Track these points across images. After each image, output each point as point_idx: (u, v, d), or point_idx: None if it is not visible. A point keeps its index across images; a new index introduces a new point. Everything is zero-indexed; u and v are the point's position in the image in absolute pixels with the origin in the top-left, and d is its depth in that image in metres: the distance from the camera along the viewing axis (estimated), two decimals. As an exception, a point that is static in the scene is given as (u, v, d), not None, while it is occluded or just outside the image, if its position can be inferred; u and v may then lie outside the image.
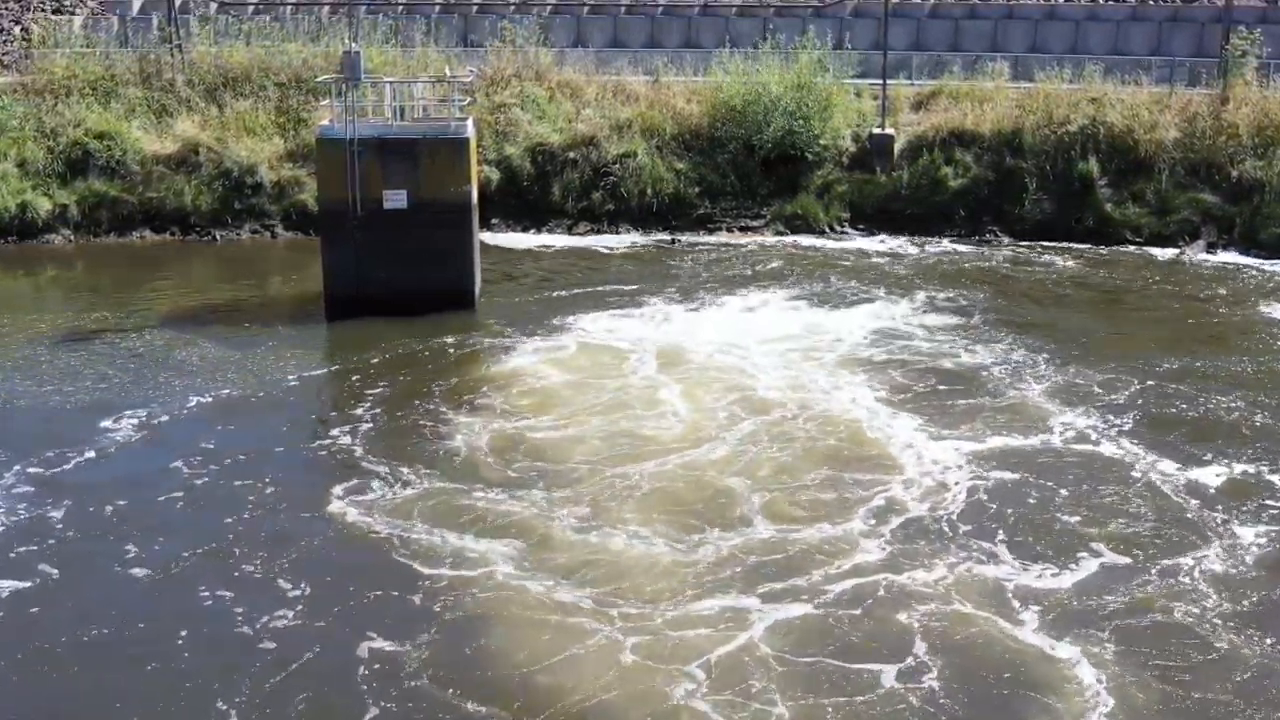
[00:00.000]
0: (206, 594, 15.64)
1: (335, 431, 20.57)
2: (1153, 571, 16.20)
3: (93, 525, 17.35)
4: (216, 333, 25.26)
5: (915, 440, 20.22)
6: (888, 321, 26.73)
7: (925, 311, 27.50)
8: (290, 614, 15.19)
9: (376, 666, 14.18)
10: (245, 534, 17.14)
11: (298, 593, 15.67)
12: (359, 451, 19.81)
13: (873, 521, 17.54)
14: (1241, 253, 32.93)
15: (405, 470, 19.09)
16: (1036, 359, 24.20)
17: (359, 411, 21.39)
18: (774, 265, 31.63)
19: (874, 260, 32.38)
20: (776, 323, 26.62)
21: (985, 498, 18.25)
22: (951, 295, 28.82)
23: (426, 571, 16.19)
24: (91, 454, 19.42)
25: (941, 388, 22.64)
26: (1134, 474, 19.05)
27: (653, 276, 30.23)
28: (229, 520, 17.49)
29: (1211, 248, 33.46)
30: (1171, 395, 22.31)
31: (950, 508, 17.95)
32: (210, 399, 21.75)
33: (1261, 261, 32.23)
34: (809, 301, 28.25)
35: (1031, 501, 18.15)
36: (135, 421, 20.56)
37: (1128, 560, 16.49)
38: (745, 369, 23.59)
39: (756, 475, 19.03)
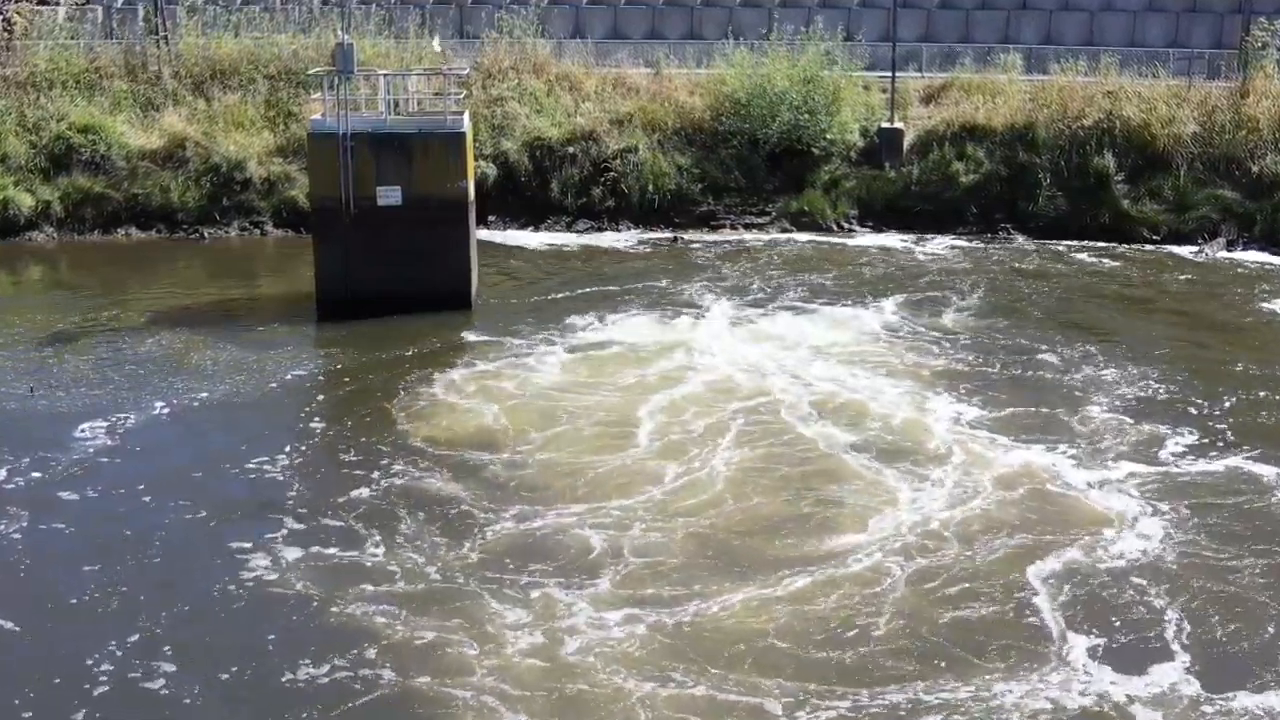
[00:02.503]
0: (69, 651, 14.08)
1: (290, 453, 19.46)
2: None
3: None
4: (201, 336, 25.05)
5: (1060, 481, 18.70)
6: (941, 324, 26.30)
7: (976, 315, 27.11)
8: (155, 688, 13.47)
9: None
10: (136, 579, 15.69)
11: (170, 666, 13.87)
12: (308, 483, 18.45)
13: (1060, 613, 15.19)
14: (1262, 251, 32.85)
15: (352, 515, 17.29)
16: (1114, 368, 23.53)
17: (325, 429, 20.59)
18: (789, 263, 31.49)
19: (896, 258, 32.25)
20: (816, 327, 25.95)
21: (1161, 566, 16.30)
22: (994, 297, 28.62)
23: (328, 658, 13.93)
24: (38, 471, 18.61)
25: (1045, 409, 21.43)
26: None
27: (659, 275, 30.04)
28: (124, 562, 16.12)
29: (1231, 245, 33.40)
30: (1264, 404, 21.89)
31: (1125, 575, 15.99)
32: (180, 407, 21.26)
33: (1285, 260, 32.21)
34: (842, 304, 27.72)
35: (1210, 563, 16.40)
36: (98, 429, 20.07)
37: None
38: (805, 384, 22.38)
39: (875, 533, 16.82)
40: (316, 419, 21.19)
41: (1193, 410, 21.64)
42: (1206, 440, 20.37)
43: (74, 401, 21.42)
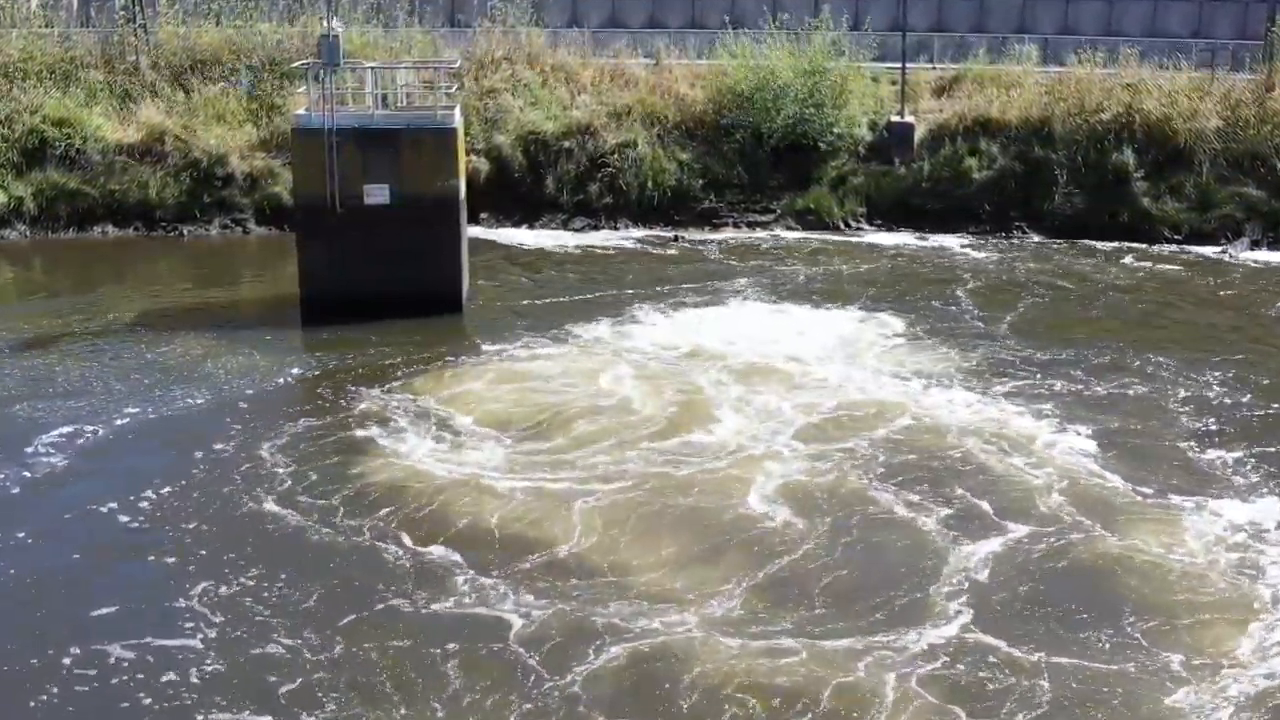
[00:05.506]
0: None
1: (226, 488, 17.80)
2: None
3: None
4: (180, 341, 24.80)
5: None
6: (1007, 334, 25.57)
7: (1035, 322, 26.58)
8: None
9: None
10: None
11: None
12: (226, 536, 16.39)
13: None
14: (1287, 252, 32.86)
15: (263, 593, 14.87)
16: (1205, 383, 22.68)
17: (276, 458, 18.87)
18: (802, 262, 31.36)
19: (923, 258, 32.16)
20: (862, 331, 25.29)
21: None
22: (1043, 302, 28.30)
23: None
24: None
25: (1178, 444, 19.99)
26: None
27: (664, 276, 29.85)
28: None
29: (1255, 245, 33.37)
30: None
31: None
32: (144, 421, 20.48)
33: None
34: (883, 308, 27.16)
35: None
36: (51, 445, 19.34)
37: None
38: (875, 402, 21.10)
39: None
40: (274, 444, 19.51)
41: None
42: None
43: (38, 412, 20.91)
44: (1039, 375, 23.19)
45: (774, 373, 22.77)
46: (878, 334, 25.51)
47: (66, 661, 13.66)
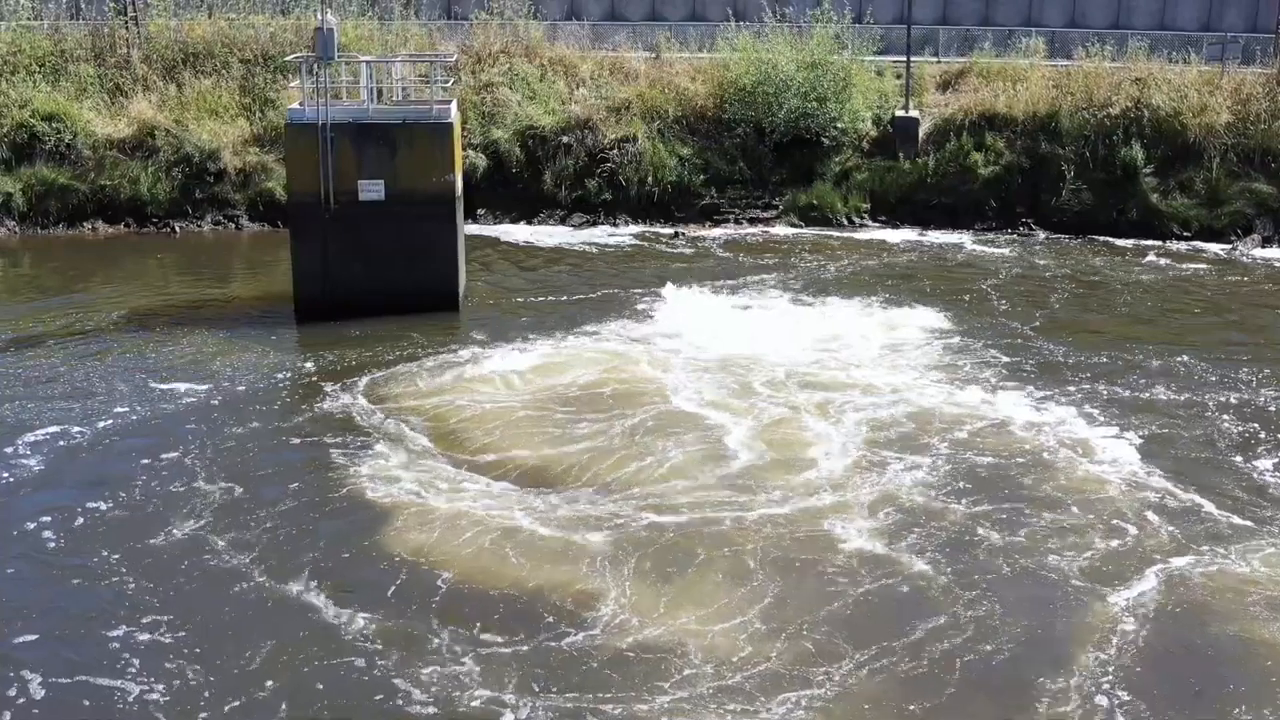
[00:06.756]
0: None
1: (209, 503, 17.03)
2: None
3: None
4: (172, 338, 24.70)
5: None
6: (1038, 336, 25.03)
7: (1070, 324, 26.11)
8: None
9: None
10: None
11: None
12: (173, 562, 15.25)
13: None
14: (1299, 249, 32.68)
15: (210, 641, 13.37)
16: (1255, 390, 21.97)
17: (250, 471, 18.09)
18: (809, 258, 31.17)
19: (933, 254, 31.98)
20: (896, 333, 24.71)
21: None
22: (1072, 302, 28.01)
23: None
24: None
25: (1251, 459, 18.81)
26: None
27: (668, 275, 29.62)
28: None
29: (1267, 242, 33.21)
30: None
31: None
32: (133, 420, 20.23)
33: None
34: (912, 306, 26.77)
35: None
36: (33, 443, 19.10)
37: None
38: (923, 417, 19.61)
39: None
40: (261, 453, 19.04)
41: None
42: None
43: (24, 413, 20.70)
44: (1097, 382, 22.20)
45: (815, 378, 21.68)
46: (913, 335, 25.01)
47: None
